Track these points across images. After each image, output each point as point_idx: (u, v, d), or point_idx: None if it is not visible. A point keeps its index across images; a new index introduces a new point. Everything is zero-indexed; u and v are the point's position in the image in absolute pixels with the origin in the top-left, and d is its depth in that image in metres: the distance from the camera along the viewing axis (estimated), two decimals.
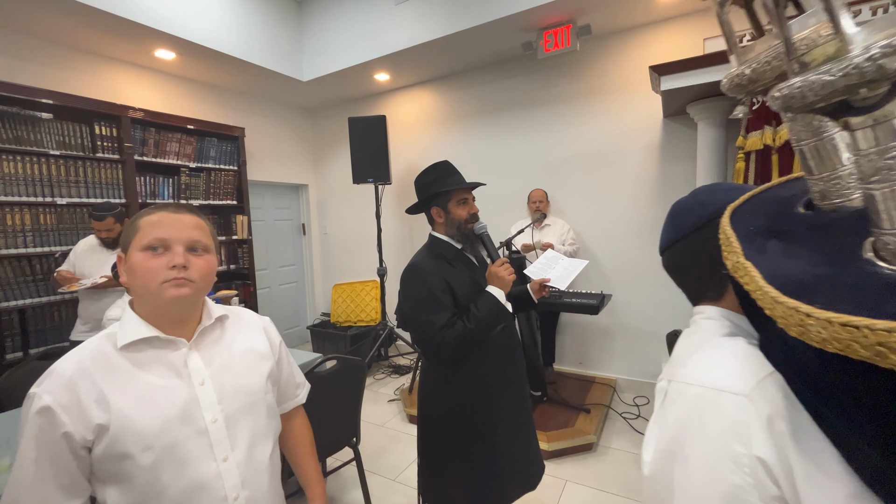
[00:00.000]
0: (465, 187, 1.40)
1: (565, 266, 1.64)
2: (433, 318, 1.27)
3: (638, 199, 3.21)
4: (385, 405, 3.30)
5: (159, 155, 3.33)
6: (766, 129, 1.99)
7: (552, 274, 1.59)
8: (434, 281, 1.31)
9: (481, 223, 1.40)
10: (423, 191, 1.43)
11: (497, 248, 1.45)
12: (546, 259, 1.71)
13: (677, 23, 2.94)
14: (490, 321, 1.29)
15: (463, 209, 1.40)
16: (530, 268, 1.66)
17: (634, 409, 3.04)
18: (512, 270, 1.33)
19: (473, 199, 1.45)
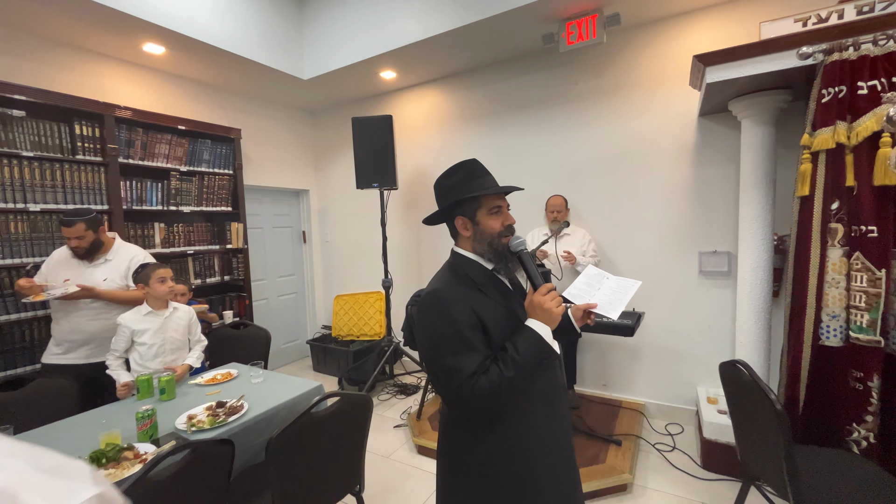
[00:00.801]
0: (498, 192, 1.12)
1: (612, 287, 1.33)
2: (461, 363, 0.99)
3: (669, 207, 2.93)
4: (391, 432, 3.00)
5: (147, 157, 3.07)
6: (838, 125, 1.71)
7: (598, 297, 1.29)
8: (462, 314, 1.02)
9: (519, 238, 1.12)
10: (446, 197, 1.15)
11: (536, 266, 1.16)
12: (588, 278, 1.41)
13: (719, 10, 2.66)
14: (533, 365, 1.00)
15: (496, 220, 1.12)
16: (570, 289, 1.36)
17: (668, 439, 2.73)
18: (560, 301, 1.04)
19: (508, 208, 1.17)
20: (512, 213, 1.18)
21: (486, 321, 1.04)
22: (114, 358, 2.10)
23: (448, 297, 1.05)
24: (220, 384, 2.07)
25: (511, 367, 0.97)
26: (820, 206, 1.78)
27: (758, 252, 2.35)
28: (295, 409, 1.85)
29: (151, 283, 2.13)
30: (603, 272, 1.40)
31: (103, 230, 2.32)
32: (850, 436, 1.76)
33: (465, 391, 0.97)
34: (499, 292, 1.12)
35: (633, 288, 1.29)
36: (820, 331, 1.81)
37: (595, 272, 1.42)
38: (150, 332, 2.11)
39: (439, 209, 1.17)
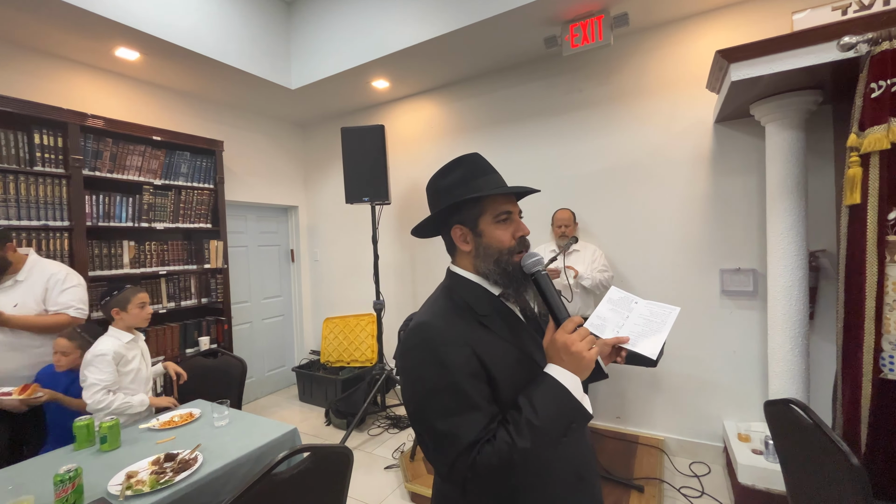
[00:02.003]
0: (508, 192, 0.87)
1: (644, 314, 1.03)
2: (457, 429, 0.72)
3: (685, 221, 2.69)
4: (381, 474, 2.67)
5: (117, 170, 2.82)
6: (892, 123, 1.48)
7: (628, 328, 1.01)
8: (459, 359, 0.76)
9: (535, 255, 0.85)
10: (440, 199, 0.90)
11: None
12: (612, 303, 1.12)
13: (738, 9, 2.48)
14: (557, 432, 0.72)
15: (504, 230, 0.86)
16: (592, 318, 1.08)
17: (694, 481, 2.41)
18: (594, 340, 0.77)
19: (521, 215, 0.91)
20: None
21: (491, 367, 0.77)
22: (105, 392, 1.84)
23: (441, 334, 0.78)
24: (177, 428, 1.76)
25: (527, 433, 0.70)
26: (875, 217, 1.54)
27: (791, 270, 2.10)
28: (262, 462, 1.55)
29: (130, 309, 1.98)
30: (630, 295, 1.11)
31: (11, 247, 2.03)
32: None
33: (462, 467, 0.70)
34: (507, 326, 0.85)
35: (670, 316, 1.00)
36: (881, 362, 1.54)
37: (620, 295, 1.13)
38: (136, 358, 2.01)
39: (431, 216, 0.91)
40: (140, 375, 2.02)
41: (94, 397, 1.81)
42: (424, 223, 0.92)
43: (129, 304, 1.98)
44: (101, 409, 1.82)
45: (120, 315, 1.98)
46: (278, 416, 3.69)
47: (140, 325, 2.06)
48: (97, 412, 1.81)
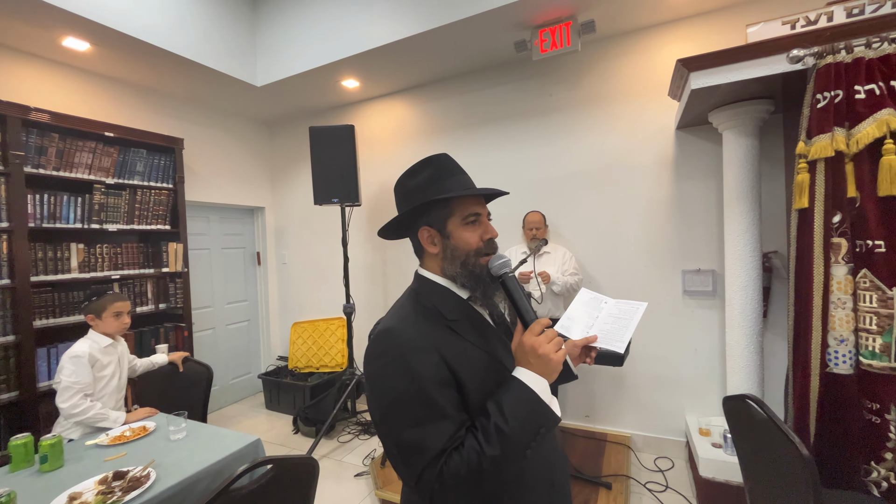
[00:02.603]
0: (476, 194, 0.86)
1: (612, 313, 1.07)
2: (425, 439, 0.70)
3: (650, 223, 2.77)
4: (351, 482, 2.60)
5: (64, 167, 2.64)
6: (836, 132, 1.58)
7: (598, 328, 1.03)
8: (427, 367, 0.73)
9: (502, 257, 0.84)
10: (408, 200, 0.88)
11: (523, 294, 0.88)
12: (582, 303, 1.14)
13: (697, 21, 2.59)
14: (526, 436, 0.70)
15: (472, 232, 0.85)
16: (563, 320, 1.10)
17: (659, 476, 2.49)
18: (561, 342, 0.76)
19: (490, 217, 0.90)
20: None
21: (460, 373, 0.76)
22: (83, 396, 1.78)
23: (408, 340, 0.76)
24: (129, 443, 1.65)
25: (495, 440, 0.68)
26: (821, 220, 1.63)
27: (746, 270, 2.20)
28: (222, 477, 1.47)
29: (105, 317, 1.93)
30: (600, 295, 1.14)
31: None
32: (869, 476, 1.57)
33: (430, 478, 0.68)
34: (476, 331, 0.84)
35: (637, 312, 1.04)
36: (828, 357, 1.64)
37: (590, 296, 1.16)
38: (112, 364, 1.95)
39: (398, 217, 0.88)
40: (111, 384, 1.95)
41: (70, 401, 1.74)
42: (391, 224, 0.90)
43: (104, 312, 1.94)
44: (75, 413, 1.74)
45: (95, 322, 1.95)
46: (243, 425, 3.55)
47: (116, 334, 2.01)
48: (71, 417, 1.74)
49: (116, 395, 1.98)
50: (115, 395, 1.97)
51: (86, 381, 1.81)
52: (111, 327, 1.96)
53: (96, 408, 1.80)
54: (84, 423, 1.77)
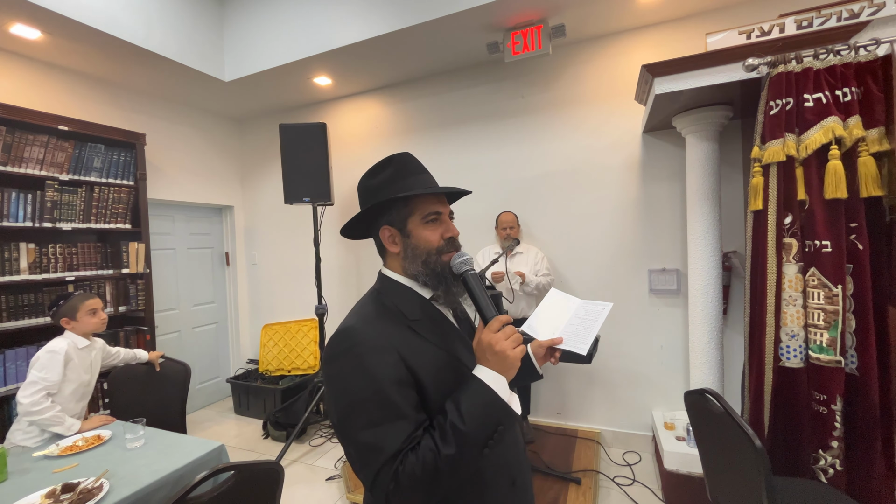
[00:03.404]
0: (435, 192, 0.85)
1: (579, 314, 1.08)
2: (381, 438, 0.69)
3: (618, 224, 2.85)
4: (322, 486, 2.56)
5: (12, 162, 2.48)
6: (787, 137, 1.66)
7: (564, 329, 1.05)
8: (385, 367, 0.73)
9: (463, 255, 0.84)
10: (369, 198, 0.87)
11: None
12: (551, 303, 1.16)
13: (662, 29, 2.67)
14: (483, 435, 0.70)
15: (433, 230, 0.85)
16: (530, 319, 1.11)
17: (627, 470, 2.55)
18: (519, 339, 0.76)
19: (452, 217, 0.90)
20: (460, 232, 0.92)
21: (419, 373, 0.75)
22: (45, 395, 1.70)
23: (366, 340, 0.75)
24: (81, 454, 1.57)
25: (452, 439, 0.67)
26: (774, 221, 1.71)
27: (707, 269, 2.29)
28: (181, 486, 1.42)
29: (80, 317, 1.91)
30: (568, 296, 1.16)
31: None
32: (817, 463, 1.66)
33: (385, 478, 0.67)
34: (438, 331, 0.83)
35: (602, 313, 1.05)
36: (780, 351, 1.72)
37: (558, 297, 1.17)
38: (80, 368, 1.88)
39: (358, 215, 0.87)
40: (80, 387, 1.90)
41: (31, 397, 1.67)
42: (352, 222, 0.89)
43: (77, 312, 1.91)
44: (33, 411, 1.66)
45: (71, 324, 1.91)
46: (211, 431, 3.44)
47: (95, 332, 1.99)
48: (28, 414, 1.66)
49: (78, 401, 1.90)
50: (80, 400, 1.90)
51: (53, 380, 1.75)
52: (90, 325, 1.93)
53: (55, 409, 1.71)
54: (39, 423, 1.69)
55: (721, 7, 2.48)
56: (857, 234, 1.60)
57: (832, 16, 1.72)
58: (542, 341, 0.99)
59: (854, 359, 1.63)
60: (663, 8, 2.49)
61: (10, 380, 2.44)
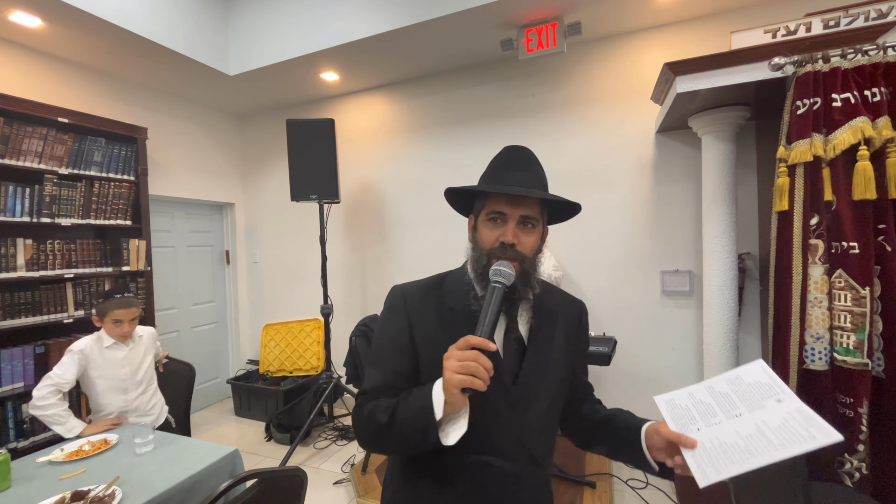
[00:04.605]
0: (502, 192, 0.80)
1: (771, 424, 0.66)
2: (367, 374, 0.84)
3: (629, 225, 2.83)
4: (329, 490, 2.50)
5: (10, 154, 2.39)
6: (814, 138, 1.64)
7: (715, 434, 0.69)
8: (390, 327, 0.85)
9: (504, 268, 0.75)
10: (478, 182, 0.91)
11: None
12: (732, 385, 0.74)
13: (678, 28, 2.65)
14: (407, 431, 0.72)
15: (491, 231, 0.81)
16: (681, 391, 0.79)
17: (640, 473, 2.52)
18: (472, 367, 0.65)
19: (520, 221, 0.81)
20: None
21: (420, 352, 0.82)
22: (55, 392, 1.68)
23: (394, 301, 0.87)
24: (87, 459, 1.50)
25: (388, 415, 0.74)
26: (800, 222, 1.69)
27: (723, 271, 2.27)
28: (196, 493, 1.36)
29: (105, 322, 1.90)
30: (777, 384, 0.70)
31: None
32: (843, 467, 1.64)
33: (357, 403, 0.82)
34: (462, 327, 0.77)
35: (804, 443, 0.62)
36: (805, 354, 1.70)
37: (757, 379, 0.72)
38: (111, 364, 1.89)
39: (452, 197, 0.93)
40: (118, 382, 1.90)
41: (40, 391, 1.70)
42: (456, 193, 0.91)
43: (105, 317, 1.90)
44: (38, 406, 1.66)
45: (99, 324, 1.93)
46: (212, 433, 3.35)
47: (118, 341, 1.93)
48: (34, 408, 1.66)
49: (120, 394, 1.91)
50: (114, 394, 1.90)
51: (66, 378, 1.75)
52: (111, 333, 1.91)
53: (59, 408, 1.70)
54: (42, 419, 1.69)
55: (743, 6, 2.46)
56: (885, 236, 1.58)
57: (860, 15, 1.70)
58: (665, 430, 0.74)
59: (881, 361, 1.61)
60: (682, 6, 2.47)
61: (5, 381, 2.36)
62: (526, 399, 0.82)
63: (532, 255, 0.82)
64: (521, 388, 0.82)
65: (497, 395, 0.78)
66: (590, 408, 0.95)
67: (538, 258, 0.85)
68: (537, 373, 0.84)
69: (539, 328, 0.86)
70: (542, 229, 0.86)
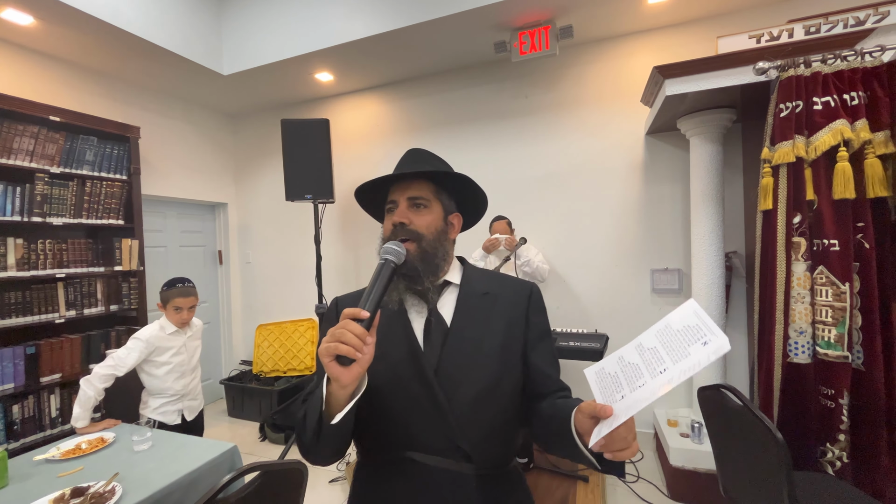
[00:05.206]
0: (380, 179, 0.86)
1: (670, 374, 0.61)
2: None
3: (620, 224, 2.88)
4: (325, 489, 2.51)
5: (1, 153, 2.37)
6: (797, 139, 1.71)
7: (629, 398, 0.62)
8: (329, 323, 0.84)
9: (393, 245, 0.74)
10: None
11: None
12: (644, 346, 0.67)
13: (667, 32, 2.73)
14: (310, 419, 0.69)
15: (388, 219, 0.86)
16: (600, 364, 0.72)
17: (631, 467, 2.58)
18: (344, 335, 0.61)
19: (410, 204, 0.83)
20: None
21: None
22: (110, 376, 1.79)
23: (331, 309, 0.89)
24: (85, 457, 1.50)
25: (302, 409, 0.74)
26: (783, 220, 1.75)
27: (711, 269, 2.33)
28: (196, 489, 1.37)
29: (168, 309, 1.99)
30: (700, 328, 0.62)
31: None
32: (825, 456, 1.71)
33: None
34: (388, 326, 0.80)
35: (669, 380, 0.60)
36: (789, 348, 1.76)
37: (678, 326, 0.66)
38: (172, 350, 1.98)
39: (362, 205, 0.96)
40: (178, 367, 2.00)
41: (100, 369, 1.78)
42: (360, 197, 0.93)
43: (167, 304, 1.99)
44: (89, 380, 1.76)
45: (162, 311, 2.01)
46: (206, 433, 3.31)
47: (178, 328, 2.02)
48: (84, 380, 1.76)
49: (178, 379, 2.00)
50: (173, 379, 1.99)
51: (126, 364, 1.83)
52: (173, 320, 1.99)
53: (91, 392, 1.74)
54: (81, 389, 1.75)
55: (729, 11, 2.54)
56: (863, 234, 1.65)
57: (839, 22, 1.78)
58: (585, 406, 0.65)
59: (860, 354, 1.68)
60: (671, 11, 2.54)
61: None
62: (449, 389, 0.76)
63: (431, 235, 0.81)
64: (443, 378, 0.76)
65: (415, 385, 0.76)
66: (548, 404, 0.78)
67: (442, 239, 0.84)
68: (461, 360, 0.78)
69: (466, 313, 0.82)
70: (439, 211, 0.85)
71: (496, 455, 0.80)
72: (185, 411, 2.06)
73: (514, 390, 0.81)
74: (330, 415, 0.66)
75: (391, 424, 0.77)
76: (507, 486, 0.82)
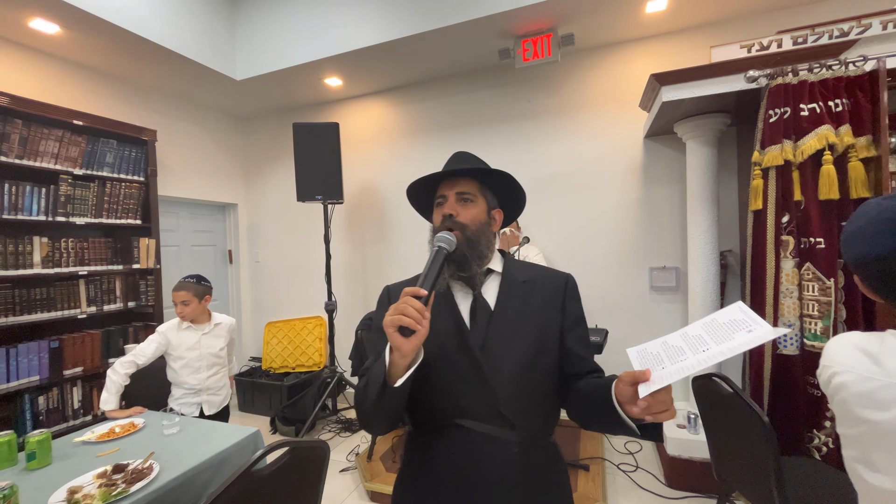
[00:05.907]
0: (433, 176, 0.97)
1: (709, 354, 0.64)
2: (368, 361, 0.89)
3: (619, 225, 2.99)
4: (336, 478, 2.61)
5: (27, 156, 2.48)
6: (785, 143, 1.82)
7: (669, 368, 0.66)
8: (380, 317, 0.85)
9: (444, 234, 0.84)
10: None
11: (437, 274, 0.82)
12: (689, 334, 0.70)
13: (664, 40, 2.84)
14: (373, 383, 0.78)
15: (438, 212, 0.97)
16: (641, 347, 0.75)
17: (630, 458, 2.68)
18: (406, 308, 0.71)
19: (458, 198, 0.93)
20: None
21: None
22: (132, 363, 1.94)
23: (383, 295, 0.99)
24: (119, 439, 1.60)
25: (364, 380, 0.83)
26: (772, 220, 1.86)
27: (707, 267, 2.44)
28: (225, 467, 1.48)
29: (174, 302, 2.09)
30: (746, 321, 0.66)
31: None
32: (811, 442, 1.81)
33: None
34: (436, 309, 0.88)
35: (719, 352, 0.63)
36: (777, 340, 1.87)
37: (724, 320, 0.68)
38: (186, 345, 2.06)
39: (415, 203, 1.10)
40: (191, 362, 2.07)
41: (122, 358, 1.94)
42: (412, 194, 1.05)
43: (173, 299, 2.08)
44: (114, 367, 1.91)
45: None
46: None
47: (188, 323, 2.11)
48: (110, 368, 1.92)
49: (192, 374, 2.07)
50: (187, 373, 2.06)
51: (145, 354, 1.97)
52: (176, 313, 2.08)
53: (115, 377, 1.89)
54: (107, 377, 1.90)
55: (722, 20, 2.65)
56: None
57: (825, 34, 1.88)
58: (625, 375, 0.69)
59: None
60: (668, 20, 2.65)
61: (22, 374, 2.44)
62: (493, 364, 0.84)
63: (475, 226, 0.90)
64: (487, 354, 0.85)
65: (462, 360, 0.85)
66: (585, 383, 0.86)
67: (485, 230, 0.92)
68: (503, 339, 0.86)
69: (508, 298, 0.91)
70: (483, 206, 0.94)
71: (536, 426, 0.88)
72: (204, 405, 2.11)
73: (549, 368, 0.89)
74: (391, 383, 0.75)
75: (441, 395, 0.85)
76: (545, 457, 0.90)
